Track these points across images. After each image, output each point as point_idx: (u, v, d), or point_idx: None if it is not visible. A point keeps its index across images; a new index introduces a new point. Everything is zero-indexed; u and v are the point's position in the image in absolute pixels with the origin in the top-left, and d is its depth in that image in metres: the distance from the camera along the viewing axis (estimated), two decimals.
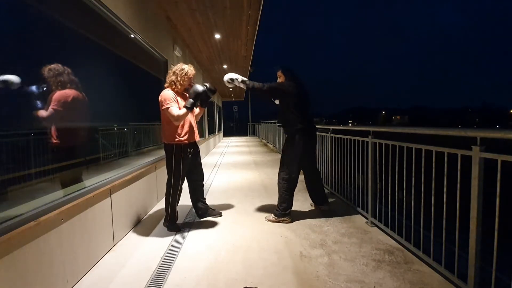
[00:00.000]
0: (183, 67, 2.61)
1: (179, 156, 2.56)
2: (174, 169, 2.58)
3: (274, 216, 2.81)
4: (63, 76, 1.93)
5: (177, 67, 2.61)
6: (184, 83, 2.60)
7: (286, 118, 2.85)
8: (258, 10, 4.43)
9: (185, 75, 2.58)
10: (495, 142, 1.45)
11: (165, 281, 1.79)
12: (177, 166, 2.58)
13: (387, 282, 1.73)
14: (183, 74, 2.58)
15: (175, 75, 2.58)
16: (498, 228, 1.39)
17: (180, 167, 2.58)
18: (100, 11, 2.40)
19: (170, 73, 2.62)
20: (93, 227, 2.02)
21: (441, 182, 1.77)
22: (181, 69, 2.59)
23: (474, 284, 1.50)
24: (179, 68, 2.60)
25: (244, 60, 7.90)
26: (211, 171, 5.83)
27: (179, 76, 2.57)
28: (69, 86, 1.97)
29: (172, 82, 2.57)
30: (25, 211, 1.48)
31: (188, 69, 2.61)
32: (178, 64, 2.65)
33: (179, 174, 2.59)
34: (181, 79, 2.57)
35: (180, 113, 2.48)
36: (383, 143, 2.41)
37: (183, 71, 2.59)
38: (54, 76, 1.89)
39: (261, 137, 14.56)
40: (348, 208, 3.16)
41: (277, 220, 2.77)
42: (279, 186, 2.84)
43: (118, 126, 3.49)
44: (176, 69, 2.60)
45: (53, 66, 1.89)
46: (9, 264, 1.28)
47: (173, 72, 2.60)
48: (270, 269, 1.92)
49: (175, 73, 2.58)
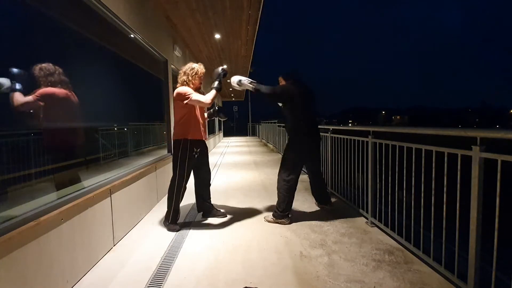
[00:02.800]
0: (193, 66, 2.64)
1: (185, 153, 2.57)
2: (180, 166, 2.58)
3: (273, 217, 2.79)
4: (54, 76, 1.90)
5: (187, 67, 2.63)
6: (196, 82, 2.63)
7: (289, 120, 2.84)
8: (258, 10, 4.43)
9: (195, 74, 2.62)
10: (495, 142, 1.45)
11: (165, 281, 1.79)
12: (183, 163, 2.57)
13: (387, 282, 1.73)
14: (193, 73, 2.61)
15: (186, 75, 2.61)
16: (498, 228, 1.39)
17: (185, 165, 2.58)
18: (100, 11, 2.39)
19: (181, 73, 2.65)
20: (93, 227, 2.02)
21: (441, 182, 1.77)
22: (191, 68, 2.62)
23: (474, 284, 1.50)
24: (189, 67, 2.62)
25: (244, 60, 7.90)
26: (211, 171, 5.82)
27: (190, 75, 2.60)
28: (59, 87, 1.93)
29: (184, 82, 2.60)
30: (21, 213, 1.47)
31: (198, 68, 2.64)
32: (188, 63, 2.68)
33: (184, 172, 2.59)
34: (192, 78, 2.61)
35: (209, 95, 2.56)
36: (383, 143, 2.41)
37: (194, 70, 2.62)
38: (45, 76, 1.86)
39: (261, 137, 14.56)
40: (348, 208, 3.16)
41: (275, 221, 2.76)
42: (279, 187, 2.80)
43: (118, 126, 3.49)
44: (187, 69, 2.62)
45: (44, 66, 1.86)
46: (9, 264, 1.28)
47: (183, 72, 2.63)
48: (270, 269, 1.92)
49: (186, 73, 2.61)
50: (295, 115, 2.78)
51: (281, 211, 2.75)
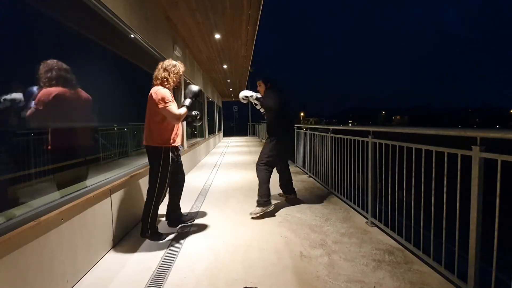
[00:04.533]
0: (175, 63, 2.46)
1: (167, 160, 2.37)
2: (161, 174, 2.36)
3: (259, 207, 2.95)
4: (52, 72, 1.84)
5: (168, 64, 2.44)
6: (176, 80, 2.47)
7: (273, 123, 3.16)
8: (258, 10, 4.43)
9: (177, 73, 2.45)
10: (495, 142, 1.45)
11: (165, 281, 1.79)
12: (165, 171, 2.37)
13: (387, 282, 1.73)
14: (176, 71, 2.44)
15: (167, 71, 2.40)
16: (498, 228, 1.39)
17: (167, 173, 2.39)
18: (100, 11, 2.39)
19: (159, 69, 2.43)
20: (93, 227, 2.02)
21: (441, 182, 1.77)
22: (173, 65, 2.44)
23: (474, 284, 1.50)
24: (171, 64, 2.44)
25: (244, 60, 7.90)
26: (211, 171, 5.82)
27: (172, 73, 2.42)
28: (55, 83, 1.86)
29: (164, 78, 2.39)
30: (21, 213, 1.48)
31: (179, 66, 2.48)
32: (167, 59, 2.50)
33: (166, 180, 2.40)
34: (173, 76, 2.43)
35: (181, 111, 2.36)
36: (383, 143, 2.41)
37: (176, 68, 2.45)
38: (44, 72, 1.82)
39: (261, 137, 14.55)
40: (348, 208, 3.16)
41: (263, 210, 2.93)
42: (262, 176, 3.05)
43: (118, 126, 3.49)
44: (168, 65, 2.43)
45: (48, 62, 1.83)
46: (9, 264, 1.28)
47: (163, 68, 2.42)
48: (270, 269, 1.92)
49: (167, 70, 2.41)
50: (278, 118, 3.11)
51: (266, 197, 2.97)
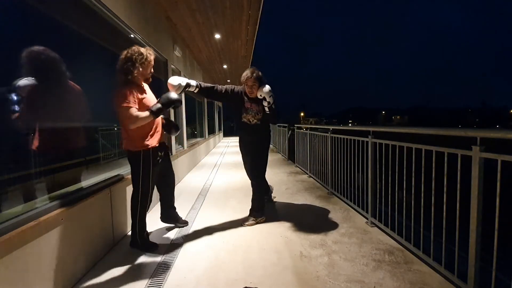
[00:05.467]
0: (141, 50, 2.03)
1: (148, 164, 2.11)
2: (143, 180, 2.12)
3: (254, 218, 2.76)
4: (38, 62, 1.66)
5: (134, 51, 2.01)
6: (145, 71, 2.07)
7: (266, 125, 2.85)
8: (258, 10, 4.43)
9: (144, 62, 2.04)
10: (495, 143, 1.45)
11: (165, 281, 1.79)
12: (146, 176, 2.12)
13: (387, 282, 1.73)
14: (142, 60, 2.02)
15: (131, 61, 1.99)
16: (498, 228, 1.39)
17: (149, 177, 2.14)
18: (100, 10, 2.40)
19: (121, 60, 2.02)
20: (93, 227, 2.02)
21: (441, 182, 1.77)
22: (139, 53, 2.01)
23: (474, 284, 1.50)
24: (137, 52, 2.01)
25: (244, 60, 7.90)
26: (211, 171, 5.83)
27: (138, 63, 2.00)
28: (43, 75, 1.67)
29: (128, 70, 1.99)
30: (21, 213, 1.48)
31: (147, 54, 2.06)
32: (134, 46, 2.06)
33: (149, 185, 2.16)
34: (140, 66, 2.01)
35: (141, 115, 1.96)
36: (383, 143, 2.41)
37: (143, 57, 2.02)
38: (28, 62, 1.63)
39: None
40: (348, 208, 3.16)
41: (257, 221, 2.75)
42: (257, 188, 2.81)
43: (118, 126, 3.49)
44: (134, 53, 2.00)
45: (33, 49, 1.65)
46: (9, 264, 1.28)
47: (126, 57, 2.00)
48: (270, 269, 1.92)
49: (132, 59, 1.99)
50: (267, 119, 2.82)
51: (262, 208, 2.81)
